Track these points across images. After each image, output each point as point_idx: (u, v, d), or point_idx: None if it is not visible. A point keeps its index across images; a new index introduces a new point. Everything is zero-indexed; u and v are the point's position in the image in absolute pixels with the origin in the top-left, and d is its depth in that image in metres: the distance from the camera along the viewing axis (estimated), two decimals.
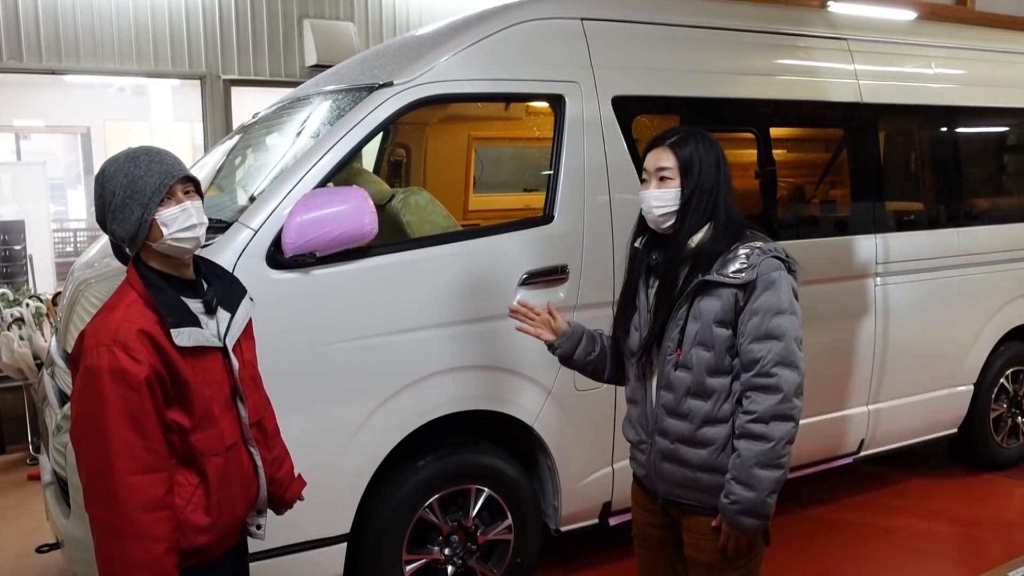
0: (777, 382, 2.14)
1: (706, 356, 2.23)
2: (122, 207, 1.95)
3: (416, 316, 3.19)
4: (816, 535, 4.42)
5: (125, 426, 1.85)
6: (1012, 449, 5.26)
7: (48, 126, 14.95)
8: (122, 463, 1.84)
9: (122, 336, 1.87)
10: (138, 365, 1.86)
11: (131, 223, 1.95)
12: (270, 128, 4.07)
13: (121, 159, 2.00)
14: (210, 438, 2.02)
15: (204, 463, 2.01)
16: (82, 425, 1.89)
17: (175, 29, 7.11)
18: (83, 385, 1.89)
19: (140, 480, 1.86)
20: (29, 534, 4.45)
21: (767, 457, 2.15)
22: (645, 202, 2.31)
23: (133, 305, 1.94)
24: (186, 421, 1.97)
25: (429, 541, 3.41)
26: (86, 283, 3.34)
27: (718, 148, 2.31)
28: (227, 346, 2.07)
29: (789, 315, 2.18)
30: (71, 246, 13.64)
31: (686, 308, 2.25)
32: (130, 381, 1.85)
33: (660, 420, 2.32)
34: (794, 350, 2.17)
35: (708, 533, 2.28)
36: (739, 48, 4.07)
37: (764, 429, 2.14)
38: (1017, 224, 5.06)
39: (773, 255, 2.22)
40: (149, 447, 1.88)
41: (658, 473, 2.36)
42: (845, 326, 4.31)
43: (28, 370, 5.43)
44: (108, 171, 1.99)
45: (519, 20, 3.51)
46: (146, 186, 1.95)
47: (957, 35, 5.09)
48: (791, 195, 4.43)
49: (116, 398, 1.84)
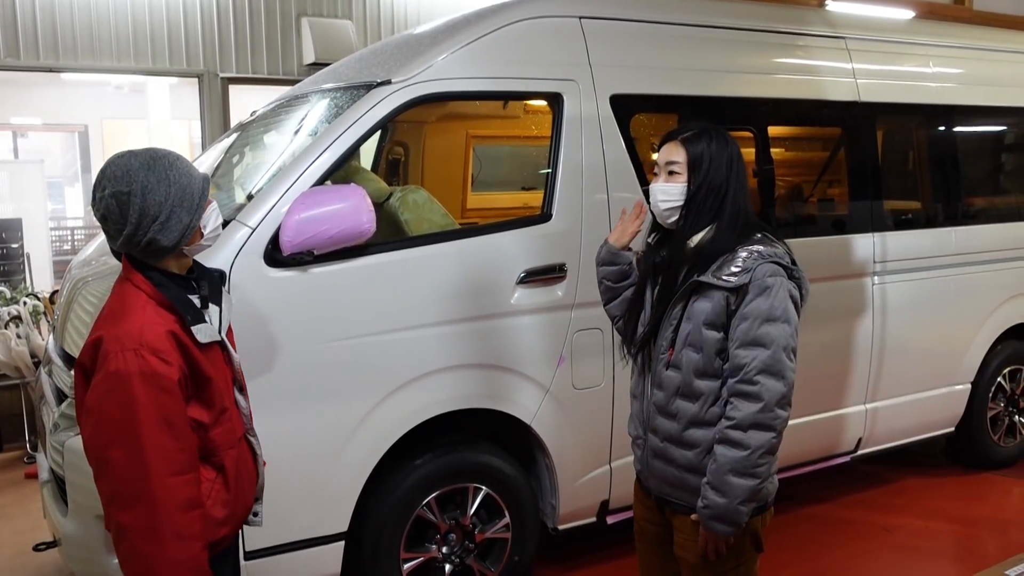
0: (759, 390, 2.11)
1: (695, 358, 2.22)
2: (170, 217, 1.91)
3: (414, 314, 3.19)
4: (814, 534, 4.42)
5: (160, 429, 1.83)
6: (1009, 448, 5.27)
7: (46, 124, 14.96)
8: (160, 466, 1.83)
9: (149, 339, 1.85)
10: (170, 367, 1.86)
11: (178, 231, 1.93)
12: (268, 126, 4.07)
13: (155, 167, 1.92)
14: (226, 432, 2.05)
15: (223, 456, 2.03)
16: (108, 431, 1.85)
17: (173, 27, 7.10)
18: (107, 391, 1.84)
19: (177, 481, 1.86)
20: (26, 532, 4.45)
21: (742, 465, 2.12)
22: (652, 195, 2.32)
23: (148, 306, 1.92)
24: (206, 417, 1.98)
25: (427, 539, 3.41)
26: (84, 281, 3.33)
27: (733, 147, 2.29)
28: (224, 339, 2.10)
29: (781, 323, 2.14)
30: (68, 244, 13.65)
31: (681, 308, 2.25)
32: (163, 384, 1.85)
33: (652, 418, 2.34)
34: (781, 359, 2.13)
35: (694, 533, 2.29)
36: (737, 47, 4.07)
37: (742, 436, 2.12)
38: (1014, 223, 5.07)
39: (772, 260, 2.18)
40: (183, 447, 1.88)
41: (650, 470, 2.38)
42: (843, 325, 4.31)
43: (25, 368, 5.42)
44: (148, 183, 1.89)
45: (517, 18, 3.51)
46: (194, 192, 1.95)
47: (955, 34, 5.09)
48: (789, 194, 4.43)
49: (148, 401, 1.82)
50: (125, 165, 1.92)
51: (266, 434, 2.35)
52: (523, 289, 3.37)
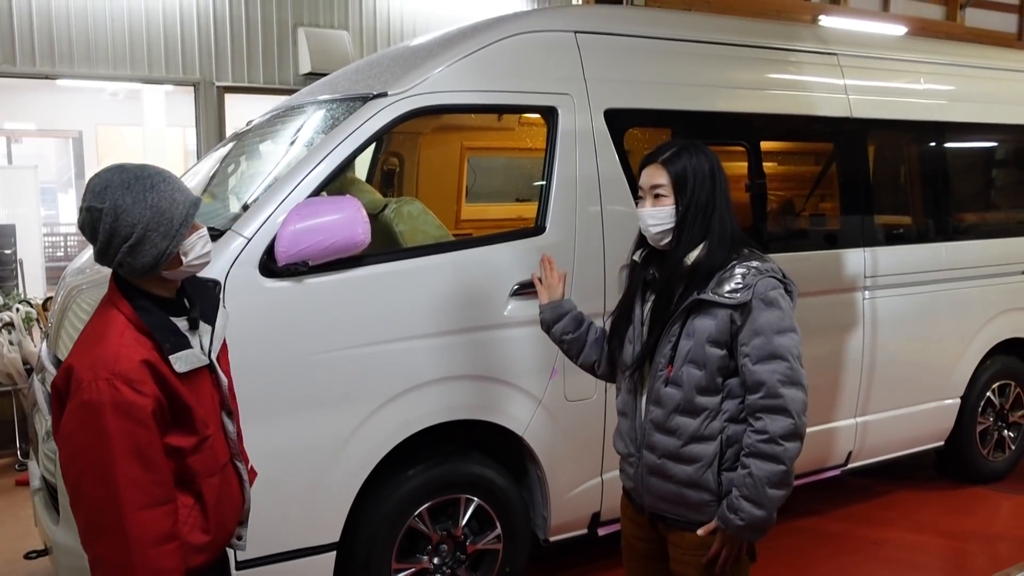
0: (785, 403, 2.14)
1: (697, 375, 2.23)
2: (142, 240, 1.82)
3: (408, 326, 3.20)
4: (804, 547, 4.44)
5: (132, 461, 1.77)
6: (998, 462, 5.29)
7: (40, 130, 14.93)
8: (131, 499, 1.77)
9: (123, 368, 1.78)
10: (143, 398, 1.79)
11: (152, 256, 1.84)
12: (264, 136, 4.08)
13: (134, 187, 1.83)
14: (207, 459, 1.97)
15: (200, 484, 1.96)
16: (81, 462, 1.79)
17: (170, 35, 7.12)
18: (80, 421, 1.78)
19: (150, 515, 1.80)
20: (17, 540, 4.43)
21: (779, 478, 2.17)
22: (642, 220, 2.31)
23: (126, 332, 1.85)
24: (185, 444, 1.91)
25: (418, 550, 3.41)
26: (78, 289, 3.34)
27: (713, 160, 2.29)
28: (213, 361, 2.02)
29: (790, 333, 2.18)
30: (61, 250, 13.63)
31: (679, 325, 2.26)
32: (136, 415, 1.78)
33: (648, 435, 2.32)
34: (797, 368, 2.17)
35: (693, 548, 2.29)
36: (731, 62, 4.10)
37: (778, 451, 2.15)
38: (1004, 239, 5.11)
39: (770, 275, 2.22)
40: (156, 480, 1.82)
41: (645, 487, 2.36)
42: (834, 339, 4.34)
43: (17, 375, 5.41)
44: (122, 203, 1.81)
45: (513, 32, 3.53)
46: (173, 218, 1.85)
47: (946, 51, 5.14)
48: (781, 208, 4.46)
49: (120, 433, 1.76)
50: (106, 180, 1.84)
51: (258, 444, 2.36)
52: (516, 301, 3.38)
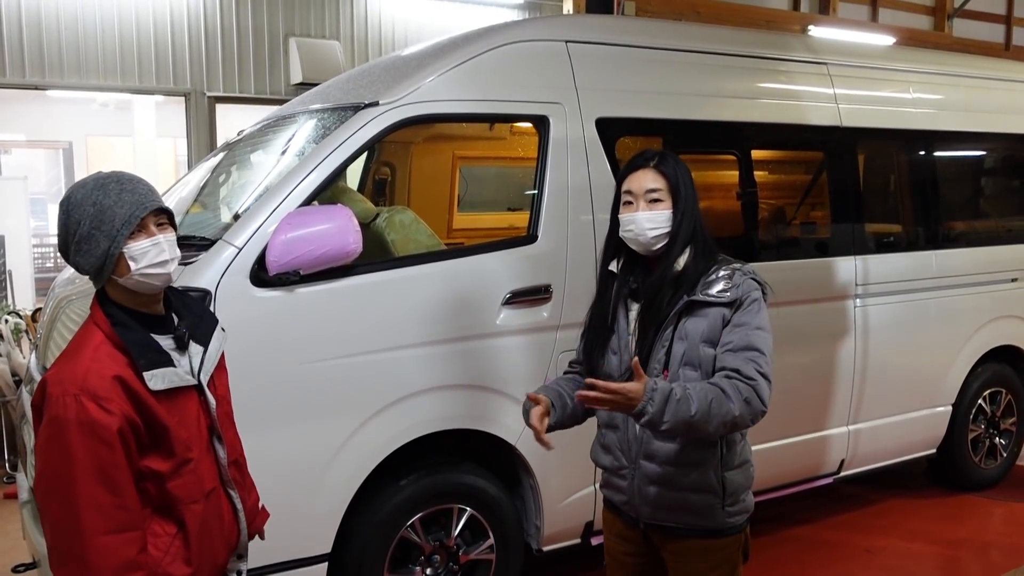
0: (757, 388, 2.15)
1: (694, 376, 2.23)
2: (87, 238, 1.81)
3: (400, 335, 3.19)
4: (797, 555, 4.43)
5: (95, 482, 1.71)
6: (990, 469, 5.31)
7: (29, 140, 14.87)
8: (92, 523, 1.70)
9: (91, 384, 1.73)
10: (110, 416, 1.72)
11: (96, 256, 1.82)
12: (255, 146, 4.08)
13: (89, 185, 1.85)
14: (188, 484, 1.88)
15: (182, 511, 1.88)
16: (47, 480, 1.74)
17: (160, 45, 7.12)
18: (48, 437, 1.73)
19: (112, 541, 1.72)
20: (5, 553, 4.40)
21: (709, 405, 2.06)
22: (636, 224, 2.27)
23: (100, 347, 1.80)
24: (163, 467, 1.84)
25: (411, 561, 3.39)
26: (67, 300, 3.32)
27: (688, 168, 2.36)
28: (202, 383, 1.94)
29: (767, 333, 2.23)
30: (51, 261, 13.55)
31: (671, 329, 2.26)
32: (101, 434, 1.71)
33: (646, 443, 2.30)
34: (770, 365, 2.21)
35: (694, 556, 2.30)
36: (722, 71, 4.12)
37: (733, 391, 2.10)
38: (994, 247, 5.14)
39: (752, 277, 2.28)
40: (121, 504, 1.74)
41: (642, 498, 2.33)
42: (825, 347, 4.34)
43: (6, 387, 5.37)
44: (74, 198, 1.84)
45: (505, 42, 3.54)
46: (115, 217, 1.81)
47: (935, 61, 5.17)
48: (772, 217, 4.48)
49: (84, 452, 1.70)
50: (79, 183, 1.88)
51: (249, 454, 2.33)
52: (508, 310, 3.38)
